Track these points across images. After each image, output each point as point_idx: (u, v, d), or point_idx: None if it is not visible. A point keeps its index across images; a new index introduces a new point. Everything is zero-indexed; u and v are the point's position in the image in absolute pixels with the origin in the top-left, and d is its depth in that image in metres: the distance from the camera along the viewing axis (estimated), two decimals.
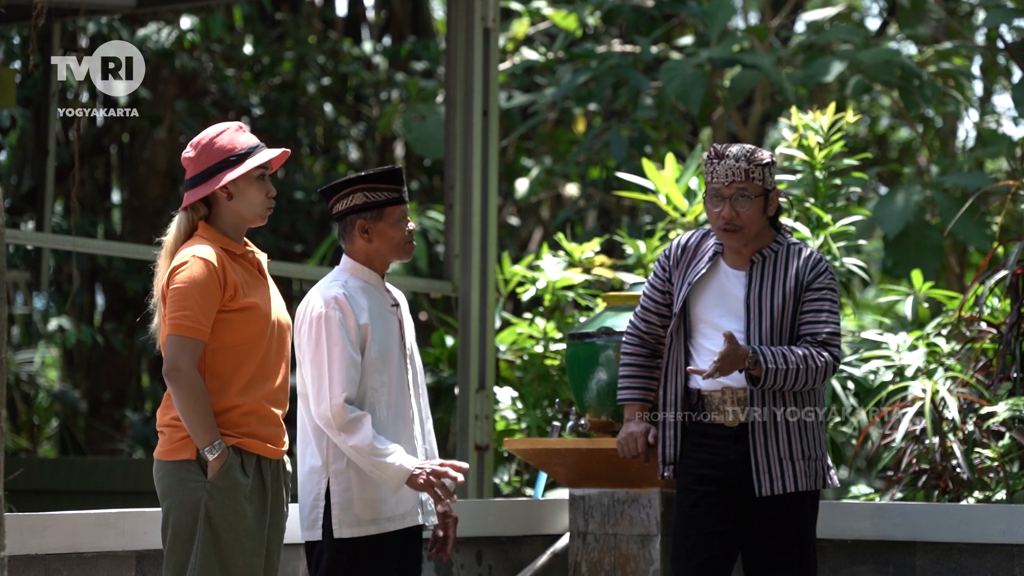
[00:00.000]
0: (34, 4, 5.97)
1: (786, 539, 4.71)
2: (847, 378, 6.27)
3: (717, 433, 4.70)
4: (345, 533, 4.51)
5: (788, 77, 9.92)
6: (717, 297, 4.73)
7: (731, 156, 4.67)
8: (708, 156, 4.75)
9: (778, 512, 4.69)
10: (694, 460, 4.74)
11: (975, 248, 9.72)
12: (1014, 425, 5.68)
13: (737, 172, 4.66)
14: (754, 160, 4.67)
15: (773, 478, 4.66)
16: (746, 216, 4.67)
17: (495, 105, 7.72)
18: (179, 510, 4.11)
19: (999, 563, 5.22)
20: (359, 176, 4.63)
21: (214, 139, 4.25)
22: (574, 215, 13.10)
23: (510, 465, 7.79)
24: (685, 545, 4.72)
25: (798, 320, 4.69)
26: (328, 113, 14.00)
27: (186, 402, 4.07)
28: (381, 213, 4.62)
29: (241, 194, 4.24)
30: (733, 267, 4.74)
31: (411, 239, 4.69)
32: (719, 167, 4.69)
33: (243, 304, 4.17)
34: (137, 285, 12.48)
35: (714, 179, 4.69)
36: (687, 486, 4.75)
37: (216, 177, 4.21)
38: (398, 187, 4.64)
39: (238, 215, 4.25)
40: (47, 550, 4.80)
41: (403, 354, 4.64)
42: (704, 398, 4.72)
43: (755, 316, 4.68)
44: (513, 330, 7.53)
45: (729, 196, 4.66)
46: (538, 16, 12.24)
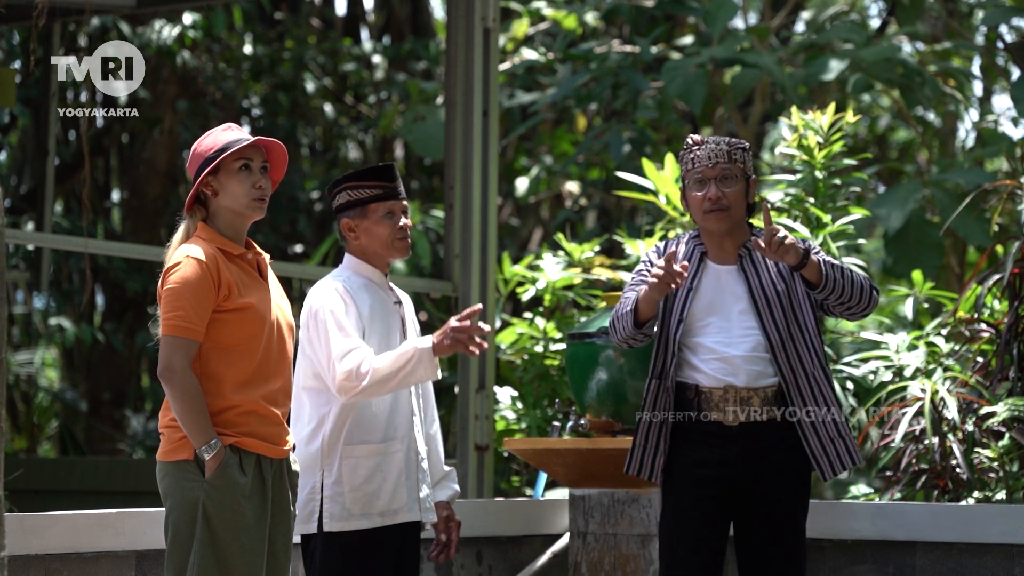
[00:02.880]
0: (34, 4, 5.97)
1: (785, 533, 4.69)
2: (847, 378, 6.28)
3: (715, 432, 4.66)
4: (336, 527, 4.52)
5: (789, 76, 9.92)
6: (713, 295, 4.70)
7: (711, 141, 4.72)
8: (686, 147, 4.76)
9: (779, 507, 4.68)
10: (691, 459, 4.69)
11: (975, 245, 9.72)
12: (1013, 425, 5.68)
13: (720, 154, 4.70)
14: (734, 144, 4.74)
15: (823, 463, 4.65)
16: (731, 196, 4.68)
17: (495, 105, 7.72)
18: (179, 510, 4.12)
19: (999, 563, 5.22)
20: (343, 176, 4.68)
21: (200, 143, 4.29)
22: (574, 215, 13.11)
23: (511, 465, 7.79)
24: (681, 546, 4.68)
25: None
26: (328, 113, 14.01)
27: (181, 402, 4.08)
28: (365, 210, 4.65)
29: (223, 188, 4.25)
30: (722, 264, 4.73)
31: (402, 235, 4.67)
32: (700, 152, 4.71)
33: (238, 304, 4.17)
34: (137, 285, 12.50)
35: (696, 164, 4.70)
36: (683, 485, 4.69)
37: (201, 179, 4.23)
38: (383, 183, 4.64)
39: (228, 210, 4.26)
40: (47, 550, 4.81)
41: None
42: (703, 395, 4.67)
43: (764, 307, 4.66)
44: (513, 330, 7.53)
45: (714, 177, 4.68)
46: (538, 16, 12.24)
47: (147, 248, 8.20)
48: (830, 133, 6.38)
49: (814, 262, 4.59)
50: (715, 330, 4.68)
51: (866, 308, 4.69)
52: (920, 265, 8.92)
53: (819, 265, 4.59)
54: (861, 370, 6.27)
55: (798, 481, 4.70)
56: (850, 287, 4.63)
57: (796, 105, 7.36)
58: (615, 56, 10.99)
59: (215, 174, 4.24)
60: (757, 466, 4.67)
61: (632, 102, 10.92)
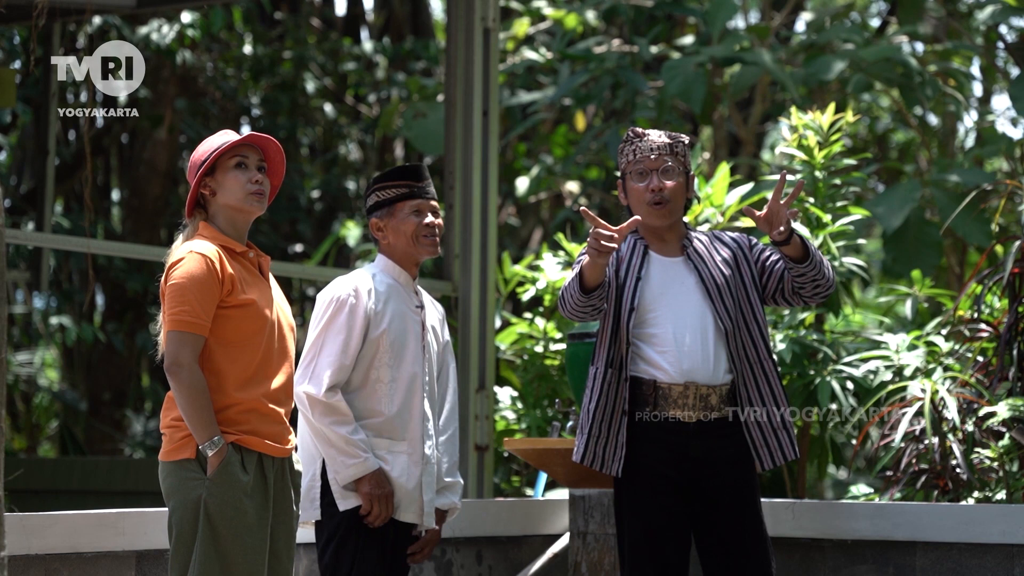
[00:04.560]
0: (34, 4, 5.97)
1: (745, 526, 4.66)
2: (847, 378, 6.28)
3: (674, 429, 4.64)
4: (338, 504, 4.57)
5: (790, 75, 9.92)
6: (661, 286, 4.68)
7: (653, 134, 4.75)
8: (626, 139, 4.77)
9: (736, 500, 4.65)
10: (650, 458, 4.65)
11: (974, 245, 9.72)
12: (1014, 425, 5.68)
13: (662, 147, 4.72)
14: (676, 138, 4.76)
15: (772, 450, 4.66)
16: (672, 189, 4.70)
17: (495, 105, 7.72)
18: (181, 509, 4.12)
19: (999, 563, 5.22)
20: (374, 177, 4.73)
21: (197, 150, 4.32)
22: (574, 215, 13.11)
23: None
24: (646, 547, 4.64)
25: (766, 261, 4.72)
26: (328, 113, 14.01)
27: (187, 397, 4.09)
28: (392, 210, 4.72)
29: (221, 186, 4.27)
30: (666, 255, 4.73)
31: (429, 233, 4.71)
32: (642, 144, 4.73)
33: (241, 300, 4.18)
34: (137, 285, 12.49)
35: (638, 155, 4.71)
36: (643, 485, 4.66)
37: (197, 180, 4.26)
38: (409, 182, 4.70)
39: (227, 207, 4.28)
40: (47, 550, 4.81)
41: (422, 356, 4.67)
42: (661, 391, 4.63)
43: (715, 295, 4.67)
44: (513, 330, 7.53)
45: (656, 168, 4.70)
46: (538, 16, 12.24)
47: (147, 248, 8.19)
48: (830, 133, 6.38)
49: (797, 238, 4.61)
50: (667, 319, 4.65)
51: (831, 287, 4.72)
52: (919, 265, 8.92)
53: (802, 240, 4.62)
54: (861, 370, 6.27)
55: (751, 473, 4.70)
56: (821, 263, 4.66)
57: (796, 103, 7.37)
58: (614, 56, 10.99)
59: (212, 174, 4.26)
60: (714, 462, 4.65)
61: (631, 102, 10.92)
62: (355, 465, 4.52)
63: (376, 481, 4.53)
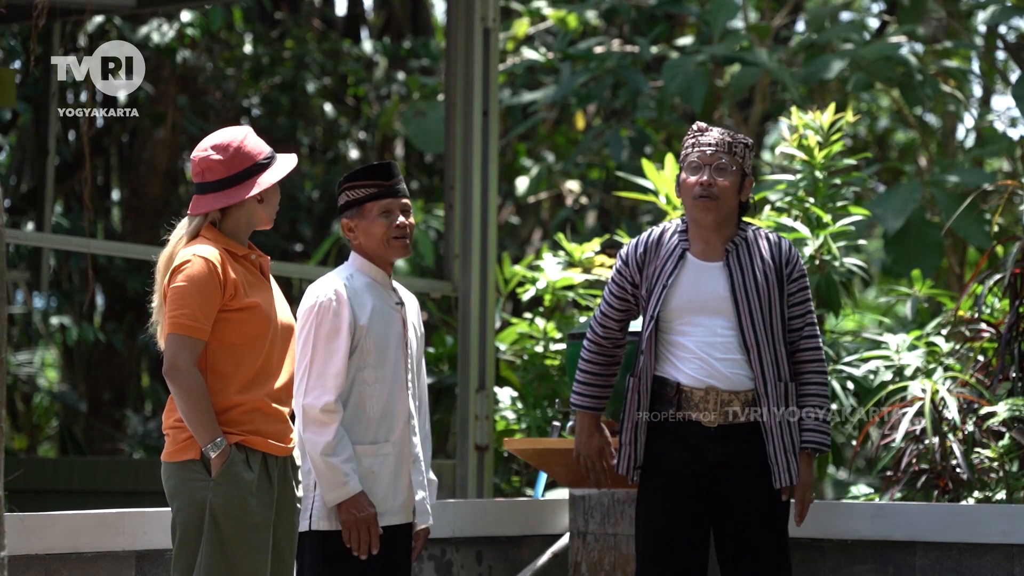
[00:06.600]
0: (34, 4, 5.97)
1: (764, 535, 4.66)
2: (847, 378, 6.27)
3: (695, 431, 4.64)
4: (322, 526, 4.51)
5: (790, 75, 9.92)
6: (692, 293, 4.66)
7: (715, 131, 4.72)
8: (691, 132, 4.75)
9: (756, 508, 4.65)
10: (670, 459, 4.66)
11: (974, 245, 9.72)
12: (1014, 425, 5.68)
13: (721, 144, 4.68)
14: (738, 138, 4.72)
15: (781, 470, 4.65)
16: (723, 186, 4.65)
17: (495, 105, 7.71)
18: (186, 510, 4.12)
19: (999, 563, 5.22)
20: (344, 176, 4.68)
21: (243, 143, 4.25)
22: (574, 215, 13.11)
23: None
24: (663, 548, 4.64)
25: (787, 312, 4.70)
26: (328, 113, 14.00)
27: (186, 401, 4.09)
28: (361, 210, 4.64)
29: (269, 198, 4.28)
30: (705, 260, 4.70)
31: (400, 234, 4.64)
32: (703, 139, 4.70)
33: (244, 304, 4.18)
34: (137, 285, 12.48)
35: (695, 149, 4.69)
36: (661, 486, 4.67)
37: (251, 180, 4.22)
38: (378, 181, 4.63)
39: (257, 218, 4.28)
40: (47, 550, 4.81)
41: (403, 353, 4.64)
42: (684, 393, 4.64)
43: (744, 310, 4.63)
44: (513, 330, 7.53)
45: (710, 164, 4.66)
46: (538, 16, 12.23)
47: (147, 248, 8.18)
48: (830, 133, 6.37)
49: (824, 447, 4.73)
50: (693, 329, 4.64)
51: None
52: (920, 265, 8.91)
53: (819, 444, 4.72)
54: (861, 370, 6.26)
55: (771, 483, 4.68)
56: (827, 396, 4.77)
57: (796, 103, 7.36)
58: (615, 55, 10.99)
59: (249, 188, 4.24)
60: (734, 468, 4.65)
61: (632, 102, 10.92)
62: (336, 490, 4.48)
63: (357, 505, 4.49)
